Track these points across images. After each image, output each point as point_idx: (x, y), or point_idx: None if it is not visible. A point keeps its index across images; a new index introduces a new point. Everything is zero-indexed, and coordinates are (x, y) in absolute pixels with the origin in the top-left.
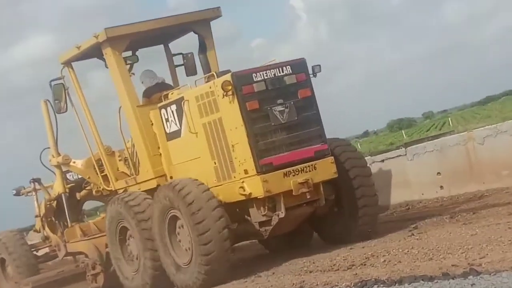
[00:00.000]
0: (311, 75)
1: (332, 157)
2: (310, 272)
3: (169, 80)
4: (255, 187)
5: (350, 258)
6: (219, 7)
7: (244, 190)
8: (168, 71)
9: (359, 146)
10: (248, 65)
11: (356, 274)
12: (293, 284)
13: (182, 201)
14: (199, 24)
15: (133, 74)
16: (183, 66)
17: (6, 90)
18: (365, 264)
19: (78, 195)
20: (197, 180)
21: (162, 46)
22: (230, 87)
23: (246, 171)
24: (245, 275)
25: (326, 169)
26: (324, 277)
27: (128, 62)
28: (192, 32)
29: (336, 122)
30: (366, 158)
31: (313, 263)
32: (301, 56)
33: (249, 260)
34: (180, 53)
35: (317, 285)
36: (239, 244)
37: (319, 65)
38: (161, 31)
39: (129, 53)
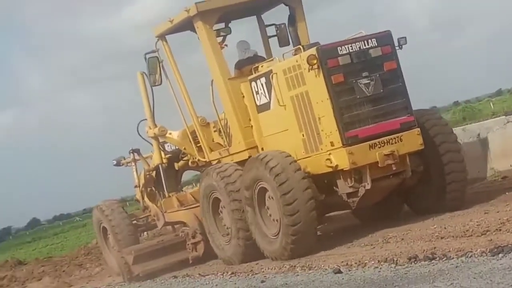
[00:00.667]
0: (397, 47)
1: (418, 129)
2: (442, 238)
3: (262, 51)
4: (341, 159)
5: (484, 223)
6: None
7: (331, 162)
8: (261, 42)
9: (492, 106)
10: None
11: (491, 240)
12: (424, 250)
13: (270, 173)
14: None
15: (226, 45)
16: (276, 37)
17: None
18: (500, 230)
19: (176, 165)
20: (284, 152)
21: (255, 17)
22: (315, 61)
23: (332, 144)
24: (367, 241)
25: (412, 141)
26: (456, 243)
27: (222, 34)
28: (283, 4)
29: (465, 79)
30: (500, 118)
31: (445, 228)
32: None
33: (367, 226)
34: (273, 24)
35: (449, 251)
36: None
37: (405, 37)
38: (252, 4)
39: (222, 25)
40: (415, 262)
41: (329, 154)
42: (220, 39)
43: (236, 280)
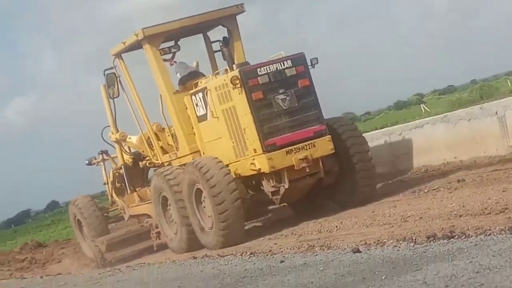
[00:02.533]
0: (310, 67)
1: (329, 136)
2: (460, 216)
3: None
4: (262, 163)
5: (502, 201)
6: (243, 3)
7: (255, 166)
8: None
9: (510, 84)
10: None
11: (510, 217)
12: (442, 228)
13: (203, 177)
14: (226, 19)
15: (175, 62)
16: (221, 52)
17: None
18: None
19: (140, 164)
20: (216, 158)
21: (201, 34)
22: (238, 81)
23: (255, 150)
24: (386, 220)
25: (324, 146)
26: (475, 221)
27: (173, 50)
28: (221, 25)
29: (482, 58)
30: None
31: (463, 206)
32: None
33: (382, 208)
34: (218, 40)
35: (468, 229)
36: None
37: (316, 58)
38: (192, 27)
39: (172, 42)
40: (434, 240)
41: (253, 159)
42: (170, 56)
43: (255, 260)
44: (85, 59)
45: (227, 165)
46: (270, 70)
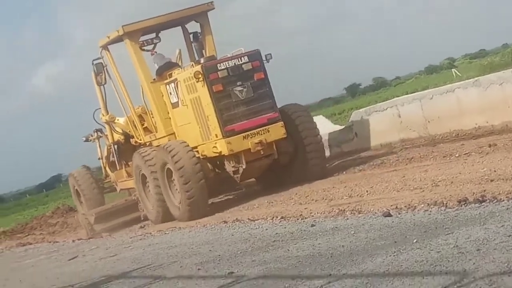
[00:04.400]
0: (265, 61)
1: (282, 122)
2: (492, 181)
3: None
4: (222, 147)
5: None
6: (213, 1)
7: (217, 149)
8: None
9: None
10: None
11: None
12: (474, 193)
13: (172, 159)
14: (198, 15)
15: (156, 52)
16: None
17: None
18: None
19: (132, 141)
20: (184, 142)
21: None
22: (200, 76)
23: (216, 135)
24: (417, 185)
25: (277, 131)
26: (507, 185)
27: (155, 41)
28: (194, 21)
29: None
30: None
31: (494, 171)
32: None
33: (413, 173)
34: (196, 32)
35: (499, 194)
36: None
37: (270, 54)
38: (168, 23)
39: (154, 34)
40: (465, 204)
41: (215, 143)
42: (151, 46)
43: (286, 224)
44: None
45: (196, 147)
46: (229, 65)
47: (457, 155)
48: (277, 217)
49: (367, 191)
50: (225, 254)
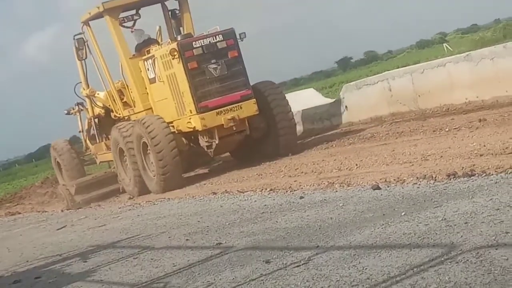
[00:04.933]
0: (239, 40)
1: (254, 99)
2: (481, 155)
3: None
4: (196, 122)
5: None
6: None
7: (191, 124)
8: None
9: None
10: None
11: None
12: (463, 167)
13: (147, 133)
14: None
15: (135, 29)
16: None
17: None
18: None
19: (112, 115)
20: (158, 117)
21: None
22: (176, 53)
23: (191, 111)
24: (406, 159)
25: (249, 108)
26: (496, 160)
27: (135, 18)
28: None
29: None
30: None
31: (484, 146)
32: None
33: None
34: (175, 9)
35: (488, 168)
36: None
37: (244, 33)
38: (148, 1)
39: (134, 11)
40: (454, 178)
41: (190, 118)
42: (131, 23)
43: (274, 196)
44: None
45: (171, 122)
46: (203, 43)
47: (447, 129)
48: (266, 189)
49: (356, 165)
50: (213, 225)
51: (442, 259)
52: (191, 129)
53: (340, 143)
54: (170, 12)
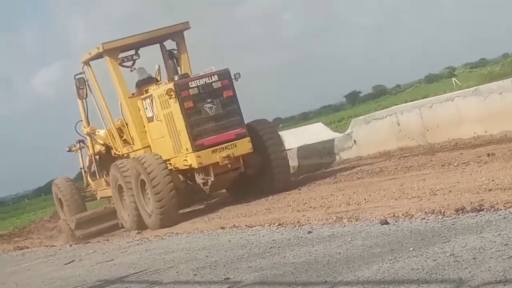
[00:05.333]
0: (234, 80)
1: (249, 138)
2: (490, 190)
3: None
4: (192, 160)
5: None
6: (188, 21)
7: (187, 162)
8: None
9: None
10: None
11: None
12: (471, 202)
13: (145, 171)
14: (175, 34)
15: (135, 69)
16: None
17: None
18: None
19: (112, 152)
20: (157, 155)
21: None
22: (172, 93)
23: (187, 149)
24: (414, 194)
25: (244, 146)
26: (504, 195)
27: (134, 58)
28: (170, 39)
29: None
30: None
31: (493, 180)
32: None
33: (389, 183)
34: (173, 49)
35: (497, 203)
36: None
37: (239, 73)
38: (147, 42)
39: (133, 51)
40: (463, 213)
41: (186, 156)
42: (131, 63)
43: (283, 231)
44: (116, 26)
45: (169, 160)
46: (199, 83)
47: (455, 164)
48: (274, 223)
49: (365, 199)
50: (221, 260)
51: None
52: (188, 167)
53: (349, 178)
54: (168, 52)
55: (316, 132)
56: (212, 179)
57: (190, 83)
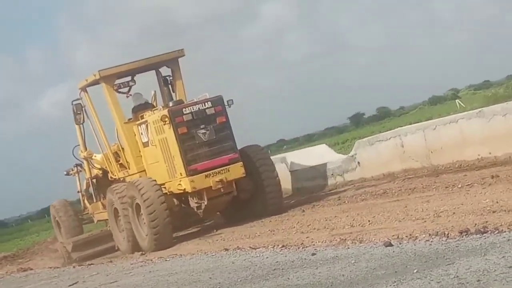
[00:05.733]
0: (227, 106)
1: (241, 162)
2: (494, 212)
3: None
4: (186, 184)
5: None
6: (183, 49)
7: (181, 186)
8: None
9: None
10: None
11: None
12: (476, 224)
13: (139, 195)
14: (170, 61)
15: (131, 95)
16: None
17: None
18: None
19: (109, 176)
20: (151, 179)
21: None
22: (167, 119)
23: (181, 174)
24: (418, 215)
25: (236, 171)
26: (509, 217)
27: (130, 84)
28: (165, 66)
29: None
30: None
31: (497, 202)
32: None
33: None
34: (168, 75)
35: (501, 225)
36: None
37: (232, 99)
38: (142, 69)
39: (129, 78)
40: (467, 235)
41: (180, 181)
42: (127, 89)
43: (286, 252)
44: (120, 48)
45: (163, 184)
46: (193, 109)
47: (459, 186)
48: (278, 245)
49: (369, 221)
50: (225, 281)
51: None
52: (182, 191)
53: (353, 199)
54: (162, 80)
55: (320, 154)
56: (206, 203)
57: (184, 109)
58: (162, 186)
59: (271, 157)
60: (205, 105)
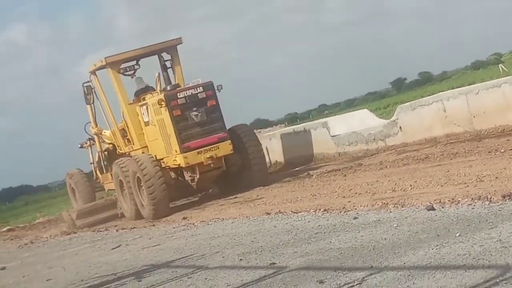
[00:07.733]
0: (217, 91)
1: (230, 141)
2: None
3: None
4: (180, 160)
5: None
6: (181, 37)
7: (176, 162)
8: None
9: None
10: None
11: None
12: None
13: (139, 169)
14: (169, 48)
15: (135, 76)
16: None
17: None
18: None
19: (117, 150)
20: (150, 155)
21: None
22: (163, 102)
23: (176, 151)
24: (461, 180)
25: (225, 148)
26: None
27: (136, 67)
28: (165, 52)
29: None
30: None
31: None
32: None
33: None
34: (169, 60)
35: None
36: None
37: (221, 85)
38: (144, 55)
39: (134, 62)
40: (510, 199)
41: (175, 157)
42: (132, 71)
43: (328, 216)
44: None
45: (162, 159)
46: (186, 94)
47: (502, 150)
48: (320, 209)
49: (410, 185)
50: (267, 245)
51: (497, 280)
52: (177, 166)
53: (394, 164)
54: (162, 66)
55: (361, 119)
56: (198, 176)
57: (178, 94)
58: (161, 161)
59: (313, 122)
60: (197, 90)
